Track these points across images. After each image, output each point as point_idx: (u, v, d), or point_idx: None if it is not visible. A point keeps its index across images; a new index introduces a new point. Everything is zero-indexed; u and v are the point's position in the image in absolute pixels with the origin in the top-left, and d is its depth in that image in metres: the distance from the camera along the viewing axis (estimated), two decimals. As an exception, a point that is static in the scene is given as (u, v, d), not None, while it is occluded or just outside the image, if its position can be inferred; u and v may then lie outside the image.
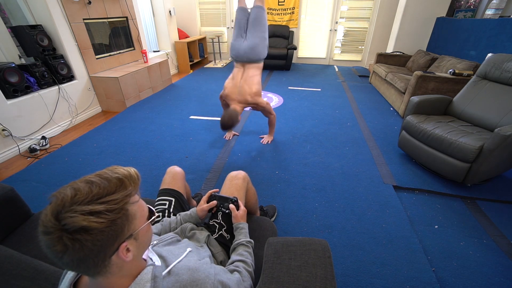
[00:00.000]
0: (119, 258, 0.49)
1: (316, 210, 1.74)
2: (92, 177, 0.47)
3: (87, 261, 0.45)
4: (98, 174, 0.48)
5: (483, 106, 2.07)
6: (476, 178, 1.81)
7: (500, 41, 2.86)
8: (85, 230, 0.42)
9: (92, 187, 0.45)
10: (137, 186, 0.51)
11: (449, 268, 1.36)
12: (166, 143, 2.55)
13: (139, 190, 0.53)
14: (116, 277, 0.51)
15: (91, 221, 0.43)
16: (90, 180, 0.47)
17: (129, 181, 0.50)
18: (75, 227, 0.42)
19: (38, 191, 1.91)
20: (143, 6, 4.59)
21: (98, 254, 0.45)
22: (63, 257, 0.43)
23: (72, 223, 0.42)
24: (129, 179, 0.50)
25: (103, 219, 0.44)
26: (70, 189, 0.45)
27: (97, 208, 0.44)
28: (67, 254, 0.42)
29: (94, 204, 0.44)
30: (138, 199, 0.52)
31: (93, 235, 0.43)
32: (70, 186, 0.46)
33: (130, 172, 0.51)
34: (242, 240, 0.90)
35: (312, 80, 4.81)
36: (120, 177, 0.49)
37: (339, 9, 5.49)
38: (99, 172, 0.49)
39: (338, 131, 2.83)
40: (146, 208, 0.55)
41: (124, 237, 0.48)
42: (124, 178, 0.49)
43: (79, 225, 0.42)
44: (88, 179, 0.47)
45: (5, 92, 2.31)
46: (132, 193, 0.50)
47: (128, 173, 0.51)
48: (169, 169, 1.21)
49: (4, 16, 2.56)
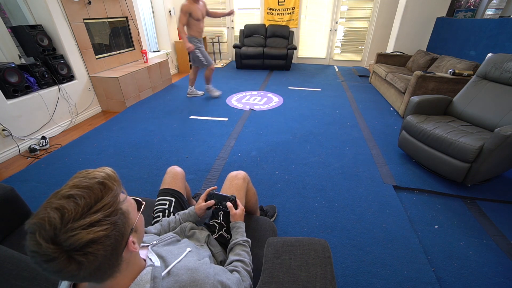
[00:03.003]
0: (128, 252, 0.50)
1: (316, 210, 1.74)
2: (68, 190, 0.44)
3: (103, 267, 0.45)
4: (74, 185, 0.45)
5: (483, 106, 2.07)
6: (476, 178, 1.81)
7: (500, 41, 2.86)
8: (93, 242, 0.42)
9: (77, 200, 0.43)
10: (119, 184, 0.51)
11: (449, 268, 1.36)
12: (166, 143, 2.55)
13: (123, 187, 0.53)
14: (122, 275, 0.52)
15: (96, 232, 0.42)
16: (68, 194, 0.43)
17: (110, 181, 0.49)
18: (83, 243, 0.41)
19: (38, 191, 1.91)
20: (143, 6, 4.59)
21: (112, 256, 0.46)
22: (79, 273, 0.42)
23: (78, 241, 0.41)
24: (110, 179, 0.49)
25: (105, 225, 0.44)
26: (52, 210, 0.41)
27: (95, 217, 0.43)
28: (83, 270, 0.42)
29: (90, 215, 0.43)
30: (125, 196, 0.53)
31: (102, 243, 0.43)
32: (48, 207, 0.42)
33: (106, 172, 0.50)
34: (239, 239, 0.90)
35: (312, 80, 4.81)
36: (100, 180, 0.47)
37: (339, 9, 5.48)
38: (73, 183, 0.46)
39: (338, 131, 2.83)
40: (133, 201, 0.56)
41: (128, 233, 0.50)
42: (104, 180, 0.48)
43: (86, 239, 0.41)
44: (66, 193, 0.44)
45: (5, 92, 2.31)
46: (118, 192, 0.50)
47: (106, 174, 0.49)
48: (169, 169, 1.21)
49: (4, 16, 2.56)
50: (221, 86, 4.37)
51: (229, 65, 5.90)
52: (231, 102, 3.68)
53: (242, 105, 3.56)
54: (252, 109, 3.44)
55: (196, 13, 3.18)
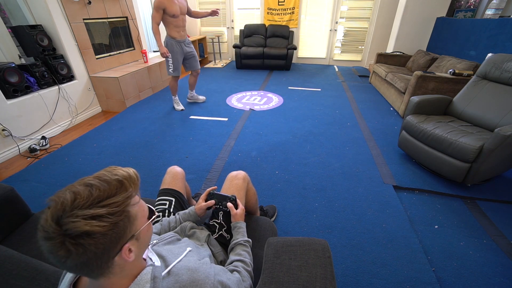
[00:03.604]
0: (121, 259, 0.49)
1: (316, 210, 1.74)
2: (91, 180, 0.46)
3: (91, 264, 0.45)
4: (97, 176, 0.47)
5: (483, 106, 2.07)
6: (476, 178, 1.81)
7: (500, 41, 2.86)
8: (87, 235, 0.42)
9: (92, 190, 0.45)
10: (137, 187, 0.51)
11: (449, 268, 1.36)
12: (166, 143, 2.55)
13: (139, 191, 0.52)
14: (117, 277, 0.51)
15: (93, 225, 0.42)
16: (89, 183, 0.46)
17: (129, 182, 0.49)
18: (78, 232, 0.41)
19: (38, 191, 1.91)
20: (143, 6, 4.59)
21: (102, 256, 0.45)
22: (66, 262, 0.43)
23: (74, 228, 0.41)
24: (129, 180, 0.49)
25: (105, 222, 0.44)
26: (69, 193, 0.44)
27: (99, 211, 0.43)
28: (70, 259, 0.42)
29: (96, 208, 0.44)
30: (138, 200, 0.52)
31: (96, 239, 0.43)
32: (68, 189, 0.45)
33: (129, 173, 0.51)
34: (240, 239, 0.90)
35: (312, 80, 4.81)
36: (120, 178, 0.48)
37: (339, 9, 5.48)
38: (98, 174, 0.48)
39: (338, 131, 2.83)
40: (146, 208, 0.56)
41: (126, 238, 0.48)
42: (124, 180, 0.48)
43: (82, 230, 0.41)
44: (87, 181, 0.46)
45: (5, 92, 2.31)
46: (132, 194, 0.49)
47: (127, 174, 0.50)
48: (169, 169, 1.21)
49: (4, 16, 2.56)
50: (221, 86, 4.37)
51: (229, 65, 5.90)
52: (231, 102, 3.68)
53: (242, 105, 3.56)
54: (252, 109, 3.44)
55: (171, 8, 2.66)
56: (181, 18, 2.83)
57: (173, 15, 2.72)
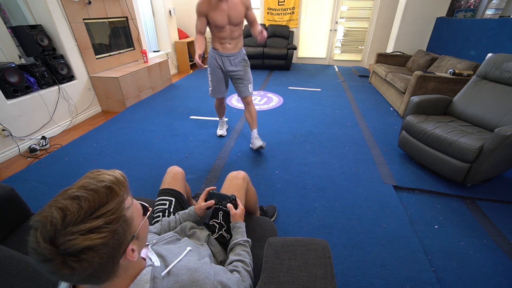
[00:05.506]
0: (126, 260, 0.48)
1: (316, 210, 1.74)
2: (76, 191, 0.43)
3: (97, 274, 0.44)
4: (82, 186, 0.44)
5: (483, 106, 2.07)
6: (476, 178, 1.81)
7: (500, 41, 2.86)
8: (89, 249, 0.41)
9: (81, 203, 0.42)
10: (127, 189, 0.49)
11: (449, 268, 1.36)
12: (166, 143, 2.55)
13: (130, 192, 0.51)
14: (120, 278, 0.51)
15: (93, 239, 0.41)
16: (75, 195, 0.43)
17: (118, 186, 0.47)
18: (79, 249, 0.40)
19: (38, 191, 1.91)
20: (143, 6, 4.58)
21: (107, 265, 0.44)
22: (72, 278, 0.42)
23: (73, 246, 0.40)
24: (117, 184, 0.47)
25: (104, 233, 0.42)
26: (56, 209, 0.41)
27: (95, 223, 0.42)
28: (76, 275, 0.41)
29: (90, 221, 0.42)
30: (131, 201, 0.51)
31: (98, 251, 0.42)
32: (53, 206, 0.41)
33: (115, 176, 0.48)
34: (239, 239, 0.90)
35: (312, 80, 4.81)
36: (107, 184, 0.46)
37: (339, 9, 5.49)
38: (82, 183, 0.45)
39: (338, 131, 2.83)
40: (139, 206, 0.55)
41: (127, 241, 0.48)
42: (112, 185, 0.46)
43: (82, 246, 0.40)
44: (72, 194, 0.43)
45: (5, 92, 2.31)
46: (124, 197, 0.48)
47: (114, 178, 0.48)
48: (169, 169, 1.21)
49: (4, 16, 2.56)
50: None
51: (229, 65, 5.89)
52: (231, 102, 3.68)
53: (242, 105, 3.55)
54: (252, 109, 3.43)
55: (215, 17, 2.03)
56: (229, 29, 2.13)
57: (216, 26, 2.10)
